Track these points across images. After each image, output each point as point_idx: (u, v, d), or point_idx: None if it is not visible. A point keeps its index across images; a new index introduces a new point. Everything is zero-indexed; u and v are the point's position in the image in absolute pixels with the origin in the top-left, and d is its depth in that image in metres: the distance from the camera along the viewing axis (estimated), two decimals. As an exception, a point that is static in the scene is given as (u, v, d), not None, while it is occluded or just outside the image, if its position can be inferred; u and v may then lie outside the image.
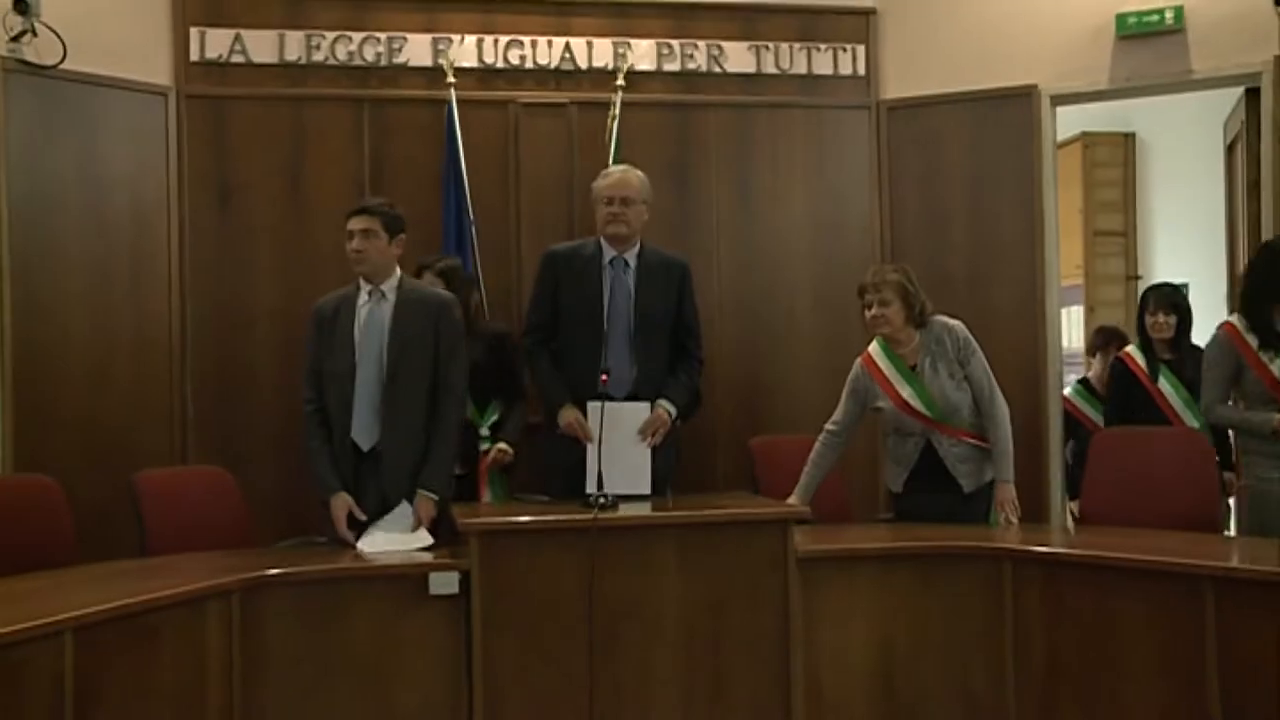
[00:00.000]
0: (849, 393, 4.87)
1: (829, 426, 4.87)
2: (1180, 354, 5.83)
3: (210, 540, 4.64)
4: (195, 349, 5.93)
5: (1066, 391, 6.71)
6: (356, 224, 4.53)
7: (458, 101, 5.99)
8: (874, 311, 4.75)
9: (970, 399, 4.74)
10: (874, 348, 4.86)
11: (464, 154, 5.94)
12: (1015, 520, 4.68)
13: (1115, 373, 6.02)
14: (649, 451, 4.61)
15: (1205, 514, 4.74)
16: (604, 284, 4.77)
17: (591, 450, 4.40)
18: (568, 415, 4.64)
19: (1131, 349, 6.02)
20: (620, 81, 6.12)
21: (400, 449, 4.46)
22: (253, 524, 5.01)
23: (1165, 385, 5.77)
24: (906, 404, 4.70)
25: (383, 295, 4.56)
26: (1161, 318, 5.84)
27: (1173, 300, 5.91)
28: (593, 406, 4.48)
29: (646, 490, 4.54)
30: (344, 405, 4.48)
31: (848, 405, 4.86)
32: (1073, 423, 6.57)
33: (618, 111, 6.06)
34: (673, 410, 4.71)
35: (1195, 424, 5.51)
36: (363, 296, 4.56)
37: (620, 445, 4.50)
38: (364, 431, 4.47)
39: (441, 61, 6.09)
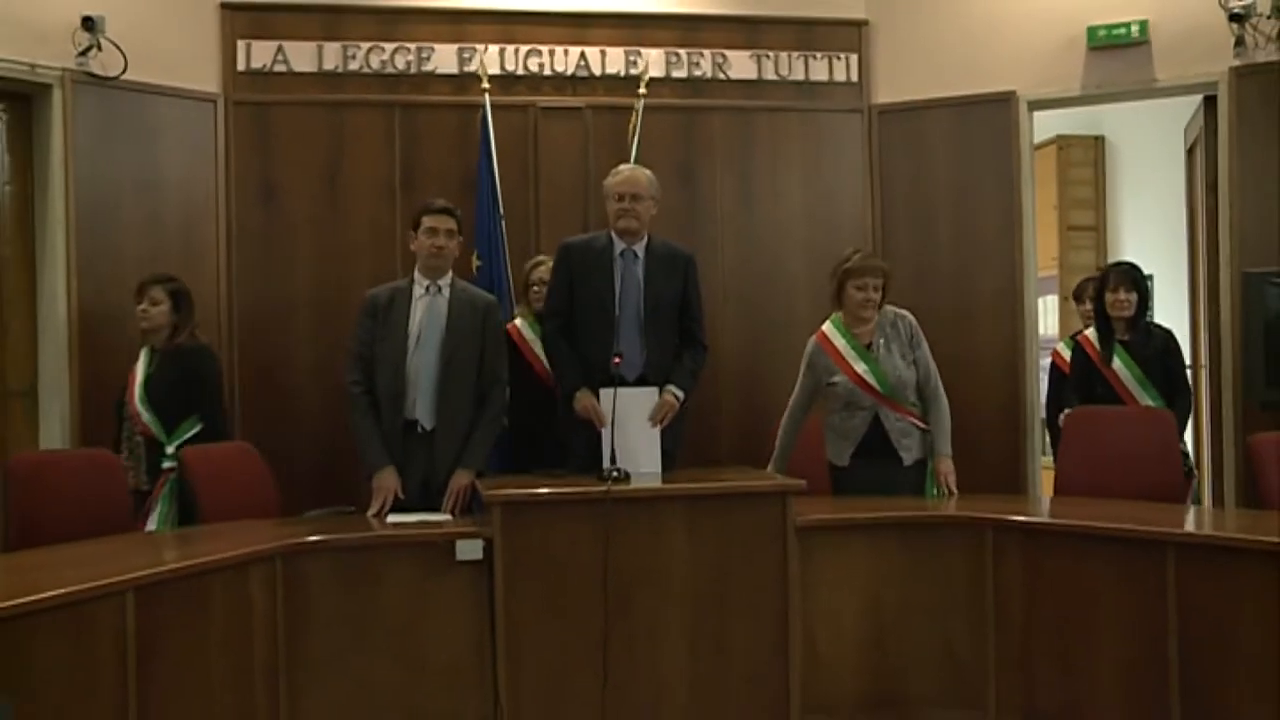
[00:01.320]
0: (806, 369, 4.86)
1: (791, 406, 4.90)
2: (1138, 333, 5.35)
3: (246, 508, 4.65)
4: (241, 335, 5.95)
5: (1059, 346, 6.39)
6: (443, 223, 4.55)
7: (480, 107, 5.99)
8: (870, 294, 4.72)
9: (915, 381, 4.74)
10: (828, 327, 4.84)
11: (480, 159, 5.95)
12: (954, 491, 4.67)
13: (1074, 357, 5.66)
14: (658, 433, 4.61)
15: (1169, 486, 4.74)
16: (615, 274, 4.76)
17: (605, 432, 4.40)
18: (583, 400, 4.63)
19: (1089, 332, 5.56)
20: (642, 90, 6.13)
21: (451, 430, 4.48)
22: (281, 494, 5.02)
23: (1119, 365, 5.31)
24: (861, 379, 4.68)
25: (439, 290, 4.57)
26: (1122, 294, 5.33)
27: (1133, 278, 5.39)
28: (605, 393, 4.48)
29: (657, 469, 4.54)
30: (394, 386, 4.48)
31: (805, 382, 4.87)
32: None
33: (640, 118, 6.04)
34: (680, 395, 4.70)
35: (1149, 402, 5.19)
36: (419, 290, 4.57)
37: (632, 427, 4.50)
38: (426, 412, 4.50)
39: (474, 69, 6.10)
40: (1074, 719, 3.90)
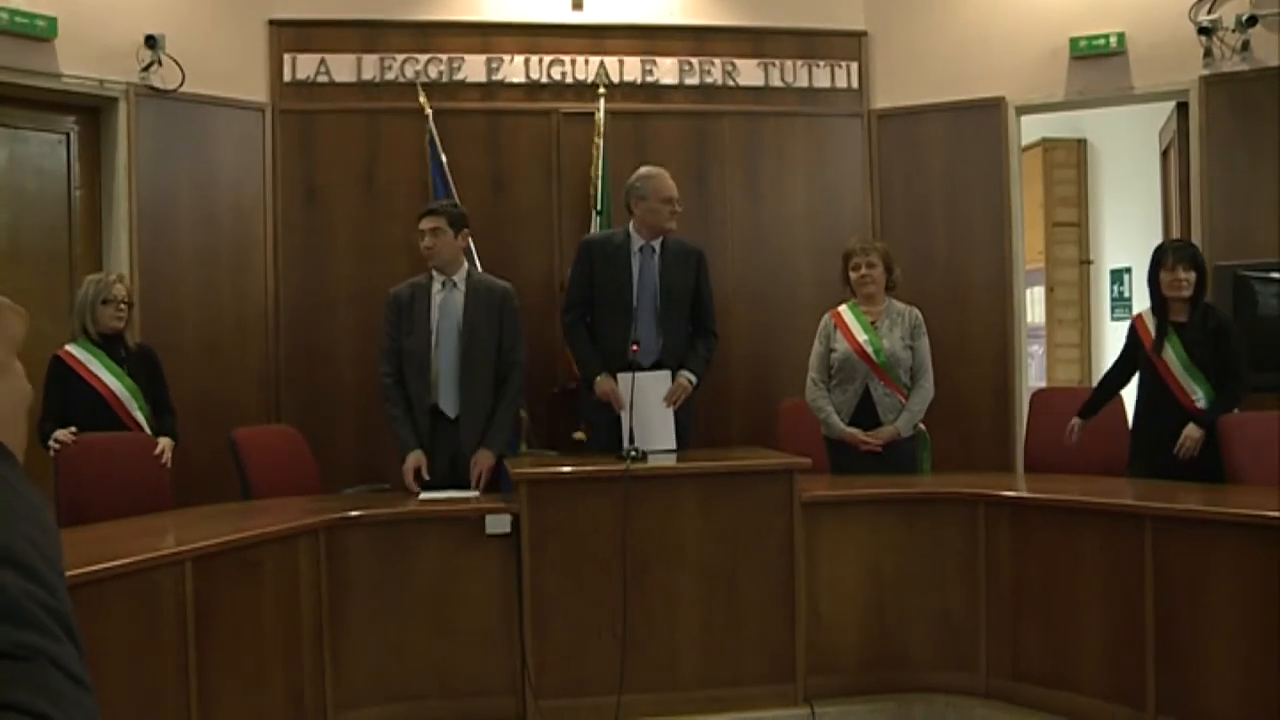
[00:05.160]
0: (818, 340, 4.92)
1: (812, 375, 4.90)
2: (1196, 314, 4.60)
3: (290, 485, 4.68)
4: (286, 326, 5.97)
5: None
6: (425, 224, 4.55)
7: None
8: (863, 272, 4.83)
9: (909, 363, 4.78)
10: (843, 306, 4.93)
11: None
12: (878, 451, 4.69)
13: (1128, 337, 4.87)
14: (673, 414, 4.62)
15: (1115, 461, 4.80)
16: (633, 268, 4.77)
17: (625, 415, 4.41)
18: (603, 385, 4.63)
19: (1145, 313, 4.78)
20: (601, 90, 6.11)
21: (474, 415, 4.49)
22: (322, 472, 5.05)
23: (1170, 354, 4.58)
24: (861, 348, 4.74)
25: (454, 284, 4.58)
26: (1181, 273, 4.54)
27: (1191, 255, 4.64)
28: (623, 377, 4.49)
29: (672, 445, 4.55)
30: (421, 377, 4.50)
31: (818, 349, 4.91)
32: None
33: (604, 125, 6.04)
34: (693, 379, 4.71)
35: (1198, 392, 4.52)
36: (436, 285, 4.58)
37: (649, 409, 4.51)
38: (449, 401, 4.51)
39: (501, 78, 6.12)
40: (1058, 679, 3.90)
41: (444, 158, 5.87)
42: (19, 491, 0.72)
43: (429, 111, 5.95)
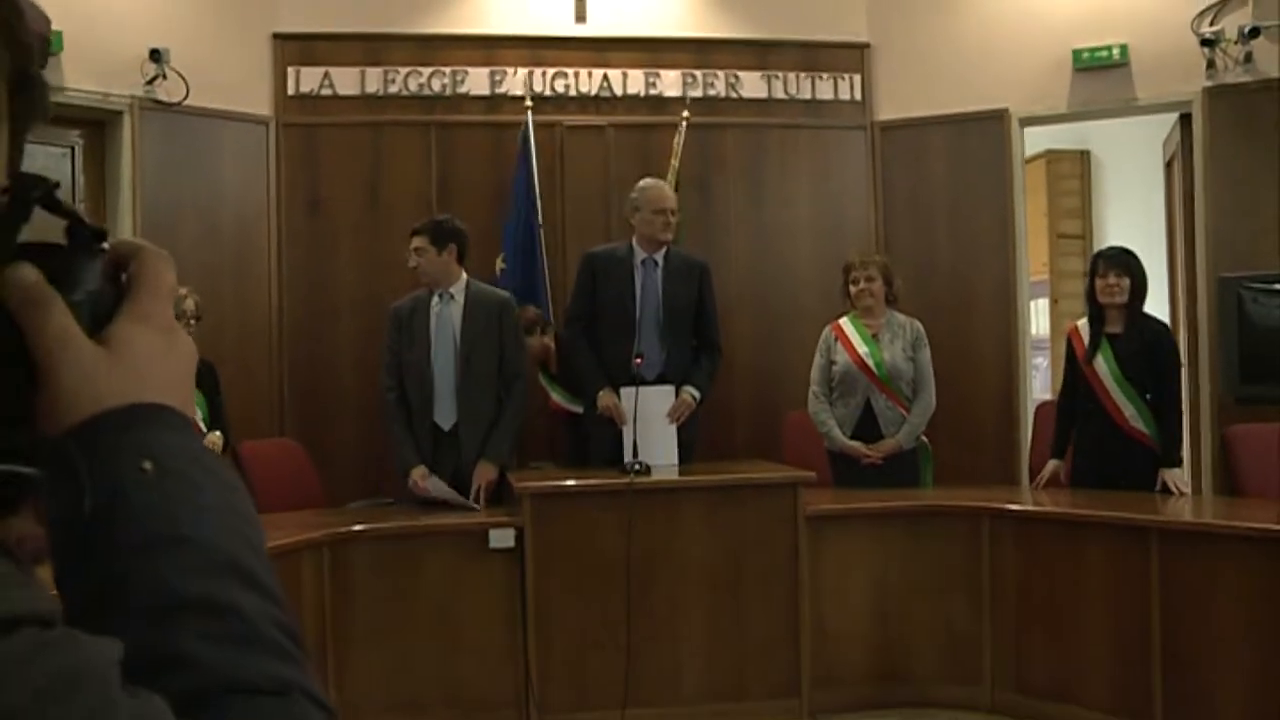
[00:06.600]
0: (819, 353, 4.93)
1: (813, 388, 4.89)
2: (1131, 325, 4.52)
3: (293, 499, 4.68)
4: (290, 336, 5.97)
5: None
6: (411, 244, 4.58)
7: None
8: (862, 285, 4.83)
9: (911, 376, 4.77)
10: (843, 319, 4.93)
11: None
12: (877, 464, 4.66)
13: (1066, 346, 4.80)
14: (675, 429, 4.61)
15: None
16: (636, 281, 4.77)
17: (627, 429, 4.40)
18: (605, 399, 4.62)
19: (1080, 323, 4.71)
20: (686, 113, 6.05)
21: (475, 427, 4.48)
22: (325, 486, 5.05)
23: (1101, 363, 4.49)
24: (862, 361, 4.74)
25: (451, 298, 4.58)
26: (1113, 279, 4.49)
27: (1124, 262, 4.55)
28: (626, 392, 4.49)
29: (674, 461, 4.54)
30: (422, 391, 4.50)
31: (819, 361, 4.91)
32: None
33: (683, 137, 6.00)
34: (697, 395, 4.70)
35: (1128, 406, 4.42)
36: (434, 299, 4.59)
37: (651, 423, 4.50)
38: (445, 415, 4.50)
39: (505, 90, 6.12)
40: (1064, 693, 3.90)
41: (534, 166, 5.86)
42: (218, 475, 0.61)
43: (529, 104, 5.93)
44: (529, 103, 5.95)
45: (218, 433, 4.66)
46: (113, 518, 0.57)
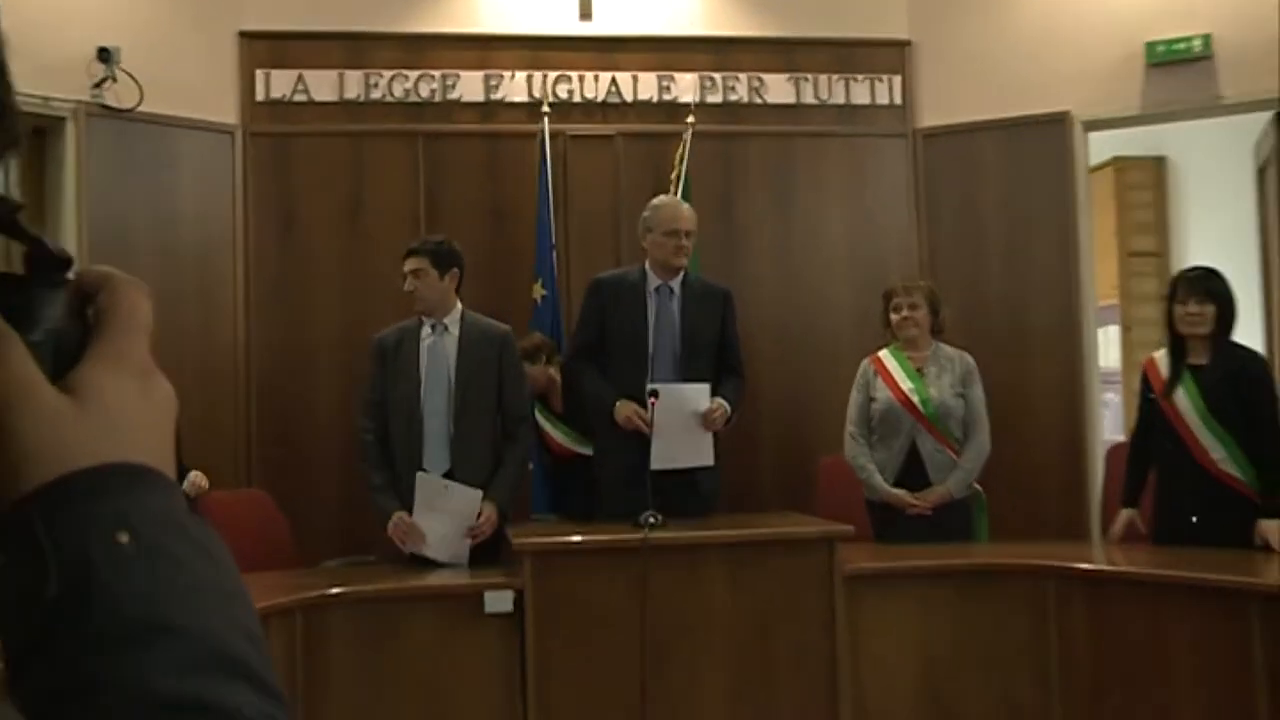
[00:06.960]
0: (856, 389, 4.90)
1: (850, 429, 4.86)
2: (1218, 355, 4.42)
3: (259, 558, 4.63)
4: (258, 372, 5.95)
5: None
6: (408, 265, 4.54)
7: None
8: (905, 313, 4.81)
9: (961, 415, 4.73)
10: (884, 351, 4.90)
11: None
12: (927, 514, 4.62)
13: (1141, 381, 4.72)
14: (706, 431, 4.56)
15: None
16: (649, 310, 4.74)
17: (655, 436, 4.34)
18: (624, 409, 4.54)
19: (1158, 355, 4.64)
20: (690, 119, 6.05)
21: (471, 474, 4.43)
22: (297, 543, 5.01)
23: (1182, 397, 4.41)
24: (906, 397, 4.70)
25: (445, 329, 4.54)
26: (1194, 306, 4.39)
27: (1207, 287, 4.43)
28: (652, 389, 4.42)
29: (710, 462, 4.52)
30: (410, 432, 4.45)
31: (856, 398, 4.88)
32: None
33: (687, 147, 6.00)
34: (728, 407, 4.66)
35: (1215, 445, 4.33)
36: (425, 330, 4.55)
37: (680, 424, 4.45)
38: (436, 461, 4.44)
39: (500, 96, 6.13)
40: (1146, 781, 3.81)
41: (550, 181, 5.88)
42: (203, 545, 0.59)
43: (546, 110, 5.94)
44: (546, 109, 5.94)
45: (199, 473, 4.63)
46: (81, 603, 0.53)
